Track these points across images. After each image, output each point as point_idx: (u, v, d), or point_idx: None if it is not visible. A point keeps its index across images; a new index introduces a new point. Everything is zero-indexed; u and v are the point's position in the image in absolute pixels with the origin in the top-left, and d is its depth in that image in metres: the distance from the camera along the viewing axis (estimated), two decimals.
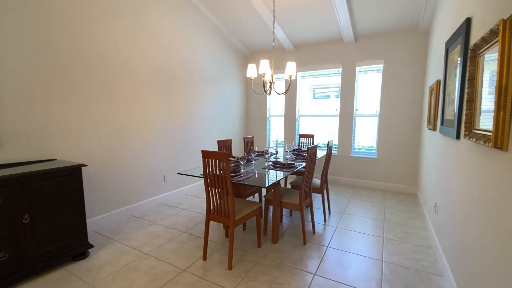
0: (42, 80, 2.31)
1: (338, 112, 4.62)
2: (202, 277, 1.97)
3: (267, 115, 5.33)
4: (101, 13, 2.71)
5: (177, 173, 2.46)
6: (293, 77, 2.81)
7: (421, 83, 3.93)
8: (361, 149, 4.56)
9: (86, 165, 2.17)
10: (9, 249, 1.79)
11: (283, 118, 5.16)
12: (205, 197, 3.90)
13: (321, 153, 3.49)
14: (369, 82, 4.37)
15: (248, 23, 4.16)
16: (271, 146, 3.07)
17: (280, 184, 2.46)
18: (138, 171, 3.25)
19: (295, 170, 2.51)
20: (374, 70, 4.29)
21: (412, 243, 2.53)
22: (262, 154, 3.35)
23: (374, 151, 4.43)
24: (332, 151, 4.66)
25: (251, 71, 2.87)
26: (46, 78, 2.33)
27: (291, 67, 2.77)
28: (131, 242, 2.51)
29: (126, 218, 3.08)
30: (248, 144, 3.72)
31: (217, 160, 2.02)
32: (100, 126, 2.79)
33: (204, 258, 2.21)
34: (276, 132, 5.31)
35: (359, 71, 4.41)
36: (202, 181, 4.37)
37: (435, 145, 2.68)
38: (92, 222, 2.76)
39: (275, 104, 5.31)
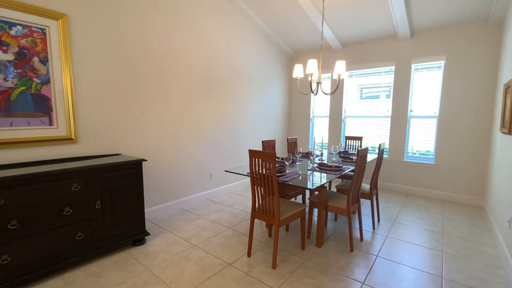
0: (109, 87, 2.62)
1: (389, 113, 4.31)
2: (247, 273, 2.02)
3: (311, 115, 5.23)
4: (158, 23, 2.97)
5: (225, 171, 2.56)
6: (342, 77, 2.71)
7: (492, 80, 3.44)
8: (415, 153, 4.18)
9: (146, 160, 2.40)
10: (84, 230, 2.07)
11: (327, 119, 5.00)
12: (247, 195, 3.99)
13: (369, 157, 3.29)
14: (427, 81, 3.99)
15: (294, 24, 4.14)
16: (314, 147, 3.01)
17: (326, 187, 2.39)
18: (187, 167, 3.47)
19: (343, 173, 2.41)
20: (434, 67, 3.90)
21: (478, 261, 2.23)
22: (307, 155, 3.30)
23: (431, 156, 4.02)
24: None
25: (298, 71, 2.85)
26: (112, 85, 2.64)
27: (340, 66, 2.68)
28: (181, 233, 2.69)
29: (176, 211, 3.32)
30: (292, 145, 3.69)
31: (262, 159, 2.05)
32: (156, 126, 3.05)
33: (249, 254, 2.26)
34: (319, 134, 5.17)
35: (415, 69, 4.06)
36: (245, 180, 4.47)
37: (511, 152, 2.33)
38: (148, 212, 3.04)
39: (319, 105, 5.17)
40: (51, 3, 2.19)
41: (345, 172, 2.45)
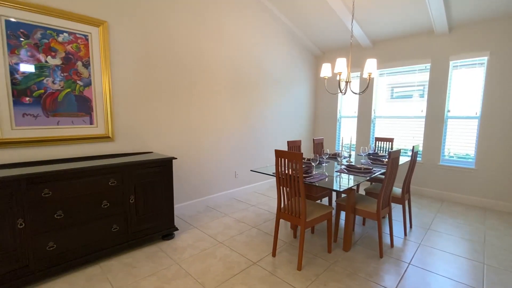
0: (142, 88, 2.76)
1: (424, 114, 4.06)
2: (272, 273, 2.02)
3: (338, 116, 5.09)
4: (186, 26, 3.08)
5: (250, 170, 2.59)
6: (372, 75, 2.61)
7: None
8: (452, 157, 3.90)
9: (176, 158, 2.50)
10: (119, 223, 2.21)
11: (355, 119, 4.84)
12: (271, 195, 3.98)
13: (401, 159, 3.13)
14: (467, 79, 3.70)
15: (322, 22, 4.06)
16: (342, 149, 2.92)
17: (354, 190, 2.32)
18: (213, 166, 3.55)
19: (373, 176, 2.32)
20: (475, 64, 3.61)
21: None
22: (335, 156, 3.22)
23: (471, 160, 3.73)
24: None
25: (326, 70, 2.79)
26: (145, 86, 2.78)
27: (371, 64, 2.58)
28: (207, 230, 2.75)
29: (202, 208, 3.41)
30: (318, 145, 3.63)
31: (289, 160, 2.04)
32: (185, 126, 3.17)
33: (274, 254, 2.26)
34: (347, 134, 5.02)
35: (454, 66, 3.78)
36: (269, 180, 4.47)
37: None
38: (176, 208, 3.16)
39: (347, 105, 5.02)
40: (93, 11, 2.36)
41: (375, 174, 2.35)
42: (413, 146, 2.67)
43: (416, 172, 4.15)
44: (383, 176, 3.21)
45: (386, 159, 3.02)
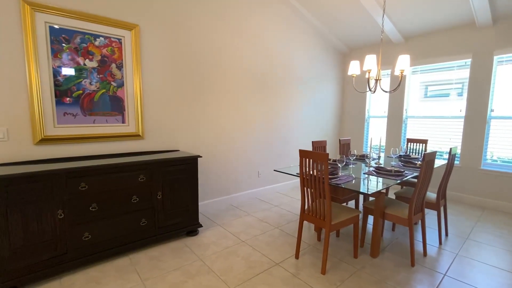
0: (170, 88, 2.86)
1: (462, 113, 3.76)
2: (294, 275, 1.98)
3: (366, 115, 4.88)
4: (213, 27, 3.13)
5: (274, 170, 2.56)
6: (405, 73, 2.46)
7: None
8: (496, 160, 3.55)
9: (201, 157, 2.55)
10: (147, 217, 2.30)
11: (384, 119, 4.60)
12: (294, 196, 3.92)
13: (436, 162, 2.92)
14: None
15: (350, 18, 3.92)
16: (370, 150, 2.79)
17: (384, 193, 2.20)
18: (236, 165, 3.58)
19: (404, 179, 2.18)
20: None
21: None
22: (362, 158, 3.08)
23: None
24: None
25: (354, 68, 2.69)
26: (173, 87, 2.88)
27: (403, 60, 2.43)
28: (230, 228, 2.78)
29: (225, 206, 3.45)
30: (344, 146, 3.50)
31: (314, 160, 1.99)
32: (210, 125, 3.23)
33: (297, 256, 2.22)
34: (375, 135, 4.79)
35: (498, 61, 3.45)
36: (292, 180, 4.41)
37: None
38: (200, 205, 3.23)
39: (376, 104, 4.79)
40: (126, 15, 2.49)
41: (407, 177, 2.21)
42: (450, 148, 2.47)
43: (453, 177, 3.85)
44: (415, 180, 3.02)
45: (419, 162, 2.83)
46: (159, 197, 2.35)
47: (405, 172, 2.37)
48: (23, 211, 1.74)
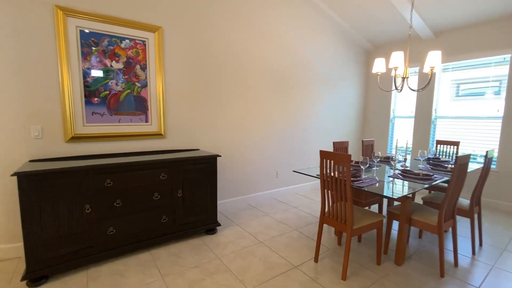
0: (190, 89, 2.91)
1: (501, 114, 3.46)
2: (313, 279, 1.93)
3: (391, 115, 4.66)
4: (231, 27, 3.14)
5: (293, 171, 2.52)
6: (435, 70, 2.30)
7: None
8: None
9: (220, 156, 2.57)
10: (168, 214, 2.36)
11: (410, 120, 4.37)
12: (313, 198, 3.84)
13: (469, 166, 2.71)
14: None
15: (374, 14, 3.76)
16: (395, 151, 2.65)
17: (410, 198, 2.07)
18: (255, 165, 3.57)
19: (434, 183, 2.05)
20: None
21: None
22: (387, 160, 2.94)
23: None
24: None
25: (379, 65, 2.57)
26: (193, 87, 2.92)
27: (434, 57, 2.28)
28: (248, 228, 2.77)
29: (243, 206, 3.45)
30: (367, 147, 3.37)
31: (335, 162, 1.92)
32: (229, 125, 3.24)
33: (316, 260, 2.16)
34: (401, 136, 4.56)
35: None
36: (311, 181, 4.32)
37: None
38: (219, 204, 3.25)
39: (402, 103, 4.56)
40: (150, 18, 2.56)
41: (436, 182, 2.07)
42: (487, 152, 2.28)
43: (489, 182, 3.56)
44: (445, 185, 2.83)
45: (450, 165, 2.64)
46: (179, 195, 2.40)
47: (434, 176, 2.22)
48: (54, 204, 1.85)
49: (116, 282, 1.86)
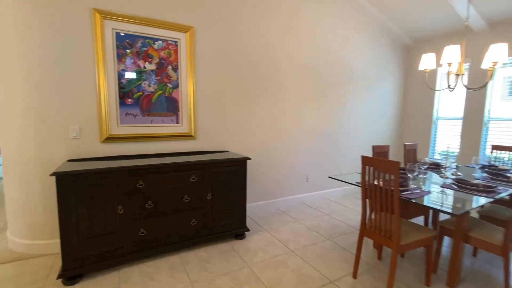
0: (221, 90, 2.85)
1: None
2: None
3: (434, 117, 4.25)
4: (264, 26, 3.02)
5: (328, 177, 2.34)
6: (499, 65, 2.00)
7: None
8: None
9: (250, 158, 2.47)
10: (197, 217, 2.31)
11: (457, 121, 3.94)
12: (347, 205, 3.60)
13: None
14: None
15: (417, 5, 3.43)
16: (446, 158, 2.36)
17: (469, 213, 1.81)
18: (285, 168, 3.42)
19: (498, 197, 1.76)
20: None
21: None
22: (436, 167, 2.64)
23: None
24: None
25: (428, 62, 2.30)
26: (223, 88, 2.86)
27: (497, 50, 1.97)
28: (278, 235, 2.64)
29: (272, 210, 3.33)
30: (410, 152, 3.07)
31: (381, 169, 1.72)
32: (258, 126, 3.14)
33: (354, 276, 1.97)
34: (444, 139, 4.14)
35: None
36: (344, 187, 4.07)
37: None
38: (247, 208, 3.16)
39: (446, 103, 4.14)
40: (182, 17, 2.54)
41: (501, 195, 1.78)
42: None
43: None
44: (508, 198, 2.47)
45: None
46: (209, 198, 2.34)
47: (498, 188, 1.92)
48: (89, 204, 1.87)
49: (146, 285, 1.84)
